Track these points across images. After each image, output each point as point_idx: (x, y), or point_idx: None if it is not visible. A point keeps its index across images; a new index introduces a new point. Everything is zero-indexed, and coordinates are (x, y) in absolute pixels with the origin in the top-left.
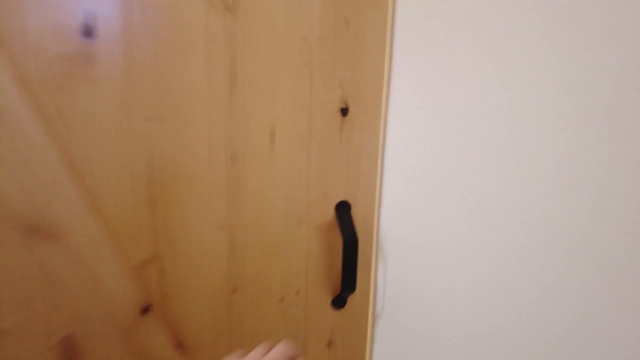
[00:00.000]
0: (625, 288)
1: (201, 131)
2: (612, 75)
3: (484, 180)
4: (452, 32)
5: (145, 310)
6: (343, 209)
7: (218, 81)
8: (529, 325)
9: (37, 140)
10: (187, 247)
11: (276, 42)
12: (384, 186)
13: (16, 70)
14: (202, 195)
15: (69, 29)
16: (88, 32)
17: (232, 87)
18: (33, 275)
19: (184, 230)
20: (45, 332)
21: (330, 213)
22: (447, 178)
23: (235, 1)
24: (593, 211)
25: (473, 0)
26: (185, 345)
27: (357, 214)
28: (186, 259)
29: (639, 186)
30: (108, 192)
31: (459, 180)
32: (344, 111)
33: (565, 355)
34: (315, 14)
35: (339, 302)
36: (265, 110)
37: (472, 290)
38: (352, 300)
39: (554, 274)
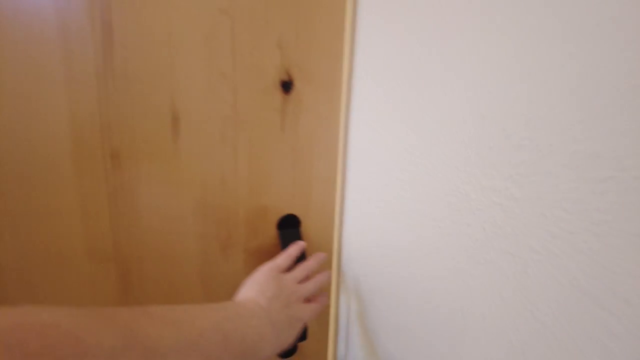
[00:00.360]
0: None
1: (57, 113)
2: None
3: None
4: None
5: None
6: (289, 226)
7: (82, 35)
8: None
9: None
10: (48, 290)
11: None
12: (346, 193)
13: None
14: (66, 215)
15: None
16: None
17: (106, 46)
18: None
19: (42, 266)
20: None
21: (270, 232)
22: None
23: None
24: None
25: None
26: None
27: (309, 231)
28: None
29: None
30: None
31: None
32: (287, 85)
33: None
34: None
35: (285, 351)
36: (161, 82)
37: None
38: (306, 347)
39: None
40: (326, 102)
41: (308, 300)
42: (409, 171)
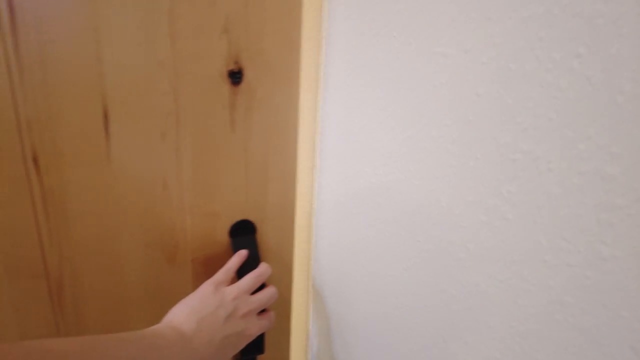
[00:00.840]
0: None
1: None
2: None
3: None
4: None
5: None
6: (243, 233)
7: None
8: None
9: None
10: None
11: None
12: (320, 197)
13: None
14: None
15: None
16: None
17: (14, 27)
18: None
19: None
20: None
21: (222, 239)
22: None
23: None
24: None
25: None
26: None
27: (267, 238)
28: None
29: None
30: None
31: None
32: (235, 76)
33: None
34: None
35: None
36: (88, 72)
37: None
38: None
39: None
40: (283, 95)
41: (263, 311)
42: (385, 177)
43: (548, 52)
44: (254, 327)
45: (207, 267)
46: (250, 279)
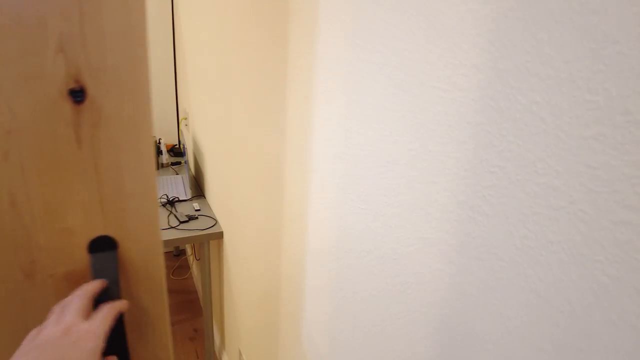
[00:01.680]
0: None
1: None
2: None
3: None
4: None
5: None
6: (102, 249)
7: None
8: None
9: None
10: None
11: None
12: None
13: None
14: None
15: None
16: None
17: None
18: None
19: None
20: None
21: (81, 255)
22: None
23: None
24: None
25: None
26: None
27: (130, 253)
28: None
29: None
30: None
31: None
32: (77, 94)
33: None
34: None
35: None
36: None
37: None
38: None
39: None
40: (133, 110)
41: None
42: (389, 180)
43: (516, 97)
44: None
45: (69, 282)
46: (71, 304)
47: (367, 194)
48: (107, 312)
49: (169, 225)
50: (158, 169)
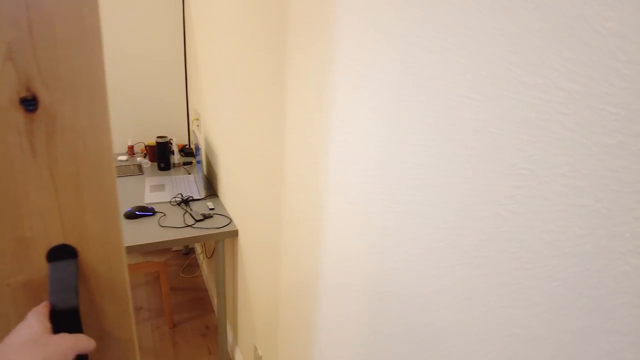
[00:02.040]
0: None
1: None
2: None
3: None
4: None
5: None
6: (61, 258)
7: None
8: None
9: None
10: None
11: None
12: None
13: None
14: None
15: None
16: None
17: None
18: None
19: None
20: None
21: (40, 264)
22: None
23: None
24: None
25: None
26: None
27: (91, 262)
28: None
29: None
30: None
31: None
32: (29, 103)
33: None
34: None
35: None
36: None
37: None
38: None
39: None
40: (90, 117)
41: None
42: (417, 180)
43: (544, 108)
44: None
45: (27, 291)
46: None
47: (396, 192)
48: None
49: (185, 223)
50: (170, 168)
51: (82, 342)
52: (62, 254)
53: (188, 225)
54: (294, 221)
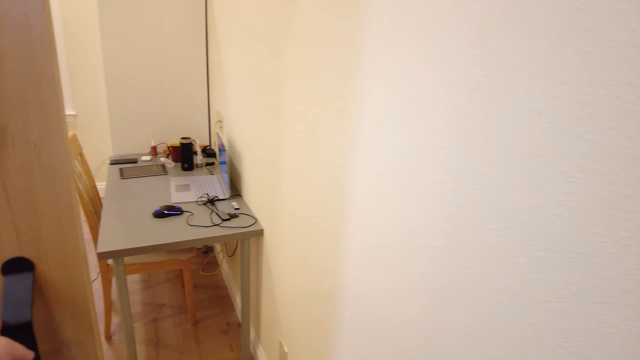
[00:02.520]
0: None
1: None
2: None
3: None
4: None
5: None
6: (17, 271)
7: None
8: None
9: None
10: None
11: None
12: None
13: None
14: None
15: None
16: None
17: None
18: None
19: None
20: None
21: None
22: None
23: None
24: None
25: None
26: None
27: (49, 276)
28: None
29: None
30: None
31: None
32: None
33: None
34: None
35: None
36: None
37: None
38: None
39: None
40: (43, 129)
41: None
42: (469, 186)
43: (593, 123)
44: None
45: None
46: None
47: (441, 196)
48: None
49: (212, 222)
50: (193, 169)
51: (18, 347)
52: (17, 267)
53: (215, 225)
54: (321, 223)
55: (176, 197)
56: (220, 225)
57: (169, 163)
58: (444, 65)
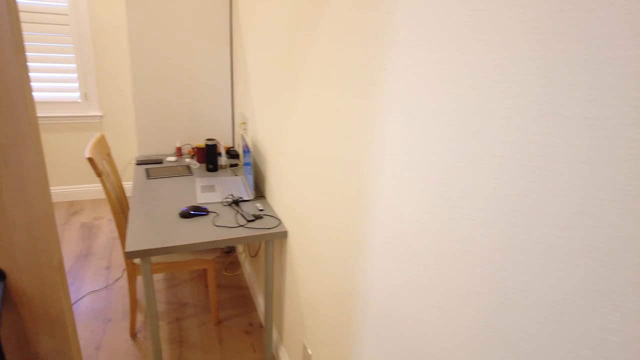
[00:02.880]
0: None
1: None
2: None
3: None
4: None
5: None
6: None
7: None
8: None
9: None
10: None
11: None
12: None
13: None
14: None
15: None
16: None
17: None
18: None
19: None
20: None
21: None
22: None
23: None
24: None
25: None
26: None
27: (21, 285)
28: None
29: None
30: None
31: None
32: None
33: None
34: None
35: None
36: None
37: None
38: None
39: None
40: (10, 134)
41: None
42: (514, 193)
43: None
44: None
45: None
46: None
47: (478, 201)
48: None
49: (237, 223)
50: (217, 170)
51: None
52: None
53: (240, 225)
54: (346, 225)
55: (202, 198)
56: (245, 226)
57: (194, 164)
58: (504, 75)
